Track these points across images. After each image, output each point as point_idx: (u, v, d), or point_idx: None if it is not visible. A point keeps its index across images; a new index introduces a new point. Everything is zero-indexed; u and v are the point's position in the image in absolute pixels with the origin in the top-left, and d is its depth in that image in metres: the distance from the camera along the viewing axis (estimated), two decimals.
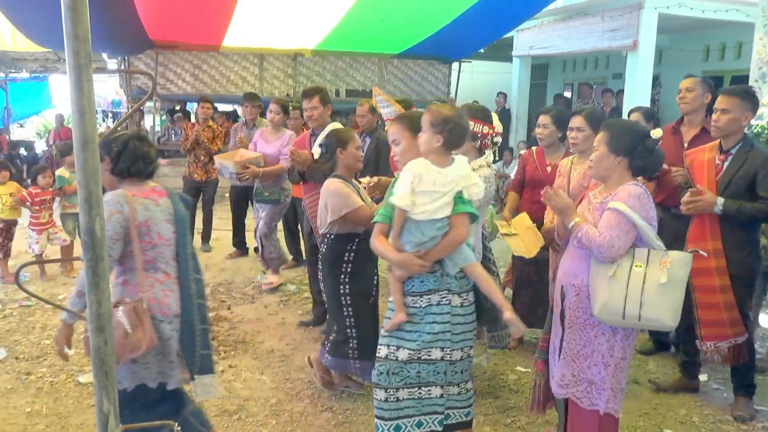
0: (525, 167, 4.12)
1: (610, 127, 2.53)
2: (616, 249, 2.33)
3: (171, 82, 9.90)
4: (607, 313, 2.35)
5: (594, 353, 2.47)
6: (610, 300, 2.33)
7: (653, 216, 2.42)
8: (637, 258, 2.36)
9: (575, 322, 2.50)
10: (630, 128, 2.53)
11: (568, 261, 2.56)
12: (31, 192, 5.53)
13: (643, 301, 2.31)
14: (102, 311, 1.22)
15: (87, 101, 1.15)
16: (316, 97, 4.07)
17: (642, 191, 2.40)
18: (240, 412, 3.28)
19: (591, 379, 2.48)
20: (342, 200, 3.11)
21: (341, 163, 3.24)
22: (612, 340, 2.45)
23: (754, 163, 3.06)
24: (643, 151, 2.43)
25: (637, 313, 2.31)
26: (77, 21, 1.12)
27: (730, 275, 3.09)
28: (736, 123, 3.11)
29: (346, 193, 3.13)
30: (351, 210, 3.10)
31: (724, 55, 10.66)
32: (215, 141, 6.47)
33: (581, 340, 2.50)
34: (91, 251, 1.20)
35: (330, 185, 3.18)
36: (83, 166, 1.17)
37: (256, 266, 6.11)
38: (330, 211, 3.13)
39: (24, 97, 16.27)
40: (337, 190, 3.14)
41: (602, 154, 2.47)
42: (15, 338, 4.21)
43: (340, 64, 10.74)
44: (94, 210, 1.19)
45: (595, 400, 2.48)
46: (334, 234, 3.22)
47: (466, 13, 8.02)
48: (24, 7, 6.85)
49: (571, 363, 2.52)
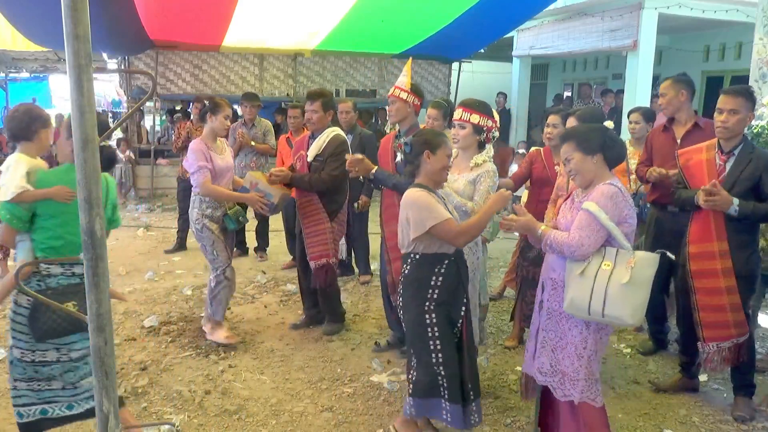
0: (532, 165, 4.13)
1: (573, 134, 2.62)
2: (586, 248, 2.43)
3: (171, 82, 9.90)
4: (574, 308, 2.46)
5: (568, 345, 2.57)
6: (576, 296, 2.44)
7: (628, 214, 2.49)
8: (606, 257, 2.45)
9: (552, 314, 2.62)
10: (589, 127, 2.66)
11: (551, 256, 2.67)
12: None
13: (607, 298, 2.39)
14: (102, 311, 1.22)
15: (87, 101, 1.15)
16: (318, 102, 4.11)
17: (616, 191, 2.47)
18: (240, 411, 3.28)
19: (564, 371, 2.57)
20: (426, 212, 2.66)
21: (426, 168, 2.78)
22: (585, 333, 2.53)
23: (759, 165, 3.05)
24: (611, 141, 2.55)
25: (600, 309, 2.41)
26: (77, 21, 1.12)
27: (735, 276, 3.08)
28: (743, 123, 3.11)
29: (430, 204, 2.68)
30: (437, 223, 2.64)
31: (724, 55, 10.67)
32: None
33: (557, 331, 2.61)
34: (91, 251, 1.20)
35: (411, 195, 2.73)
36: (83, 166, 1.17)
37: (256, 266, 6.11)
38: (412, 226, 2.70)
39: (24, 96, 16.26)
40: (419, 201, 2.69)
41: (578, 160, 2.54)
42: None
43: (340, 64, 10.74)
44: (94, 210, 1.19)
45: (568, 391, 2.56)
46: (419, 254, 2.77)
47: (467, 13, 8.01)
48: (24, 7, 6.84)
49: (549, 353, 2.63)
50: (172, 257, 6.39)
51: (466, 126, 3.16)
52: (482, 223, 2.73)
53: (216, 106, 4.04)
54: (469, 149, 3.21)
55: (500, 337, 4.38)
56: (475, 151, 3.21)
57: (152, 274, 5.71)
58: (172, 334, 4.30)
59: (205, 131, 4.10)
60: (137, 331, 4.37)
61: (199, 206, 4.04)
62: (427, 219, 2.65)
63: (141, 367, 3.77)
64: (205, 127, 4.11)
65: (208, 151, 3.97)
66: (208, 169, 3.91)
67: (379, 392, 3.52)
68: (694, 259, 3.18)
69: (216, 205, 4.04)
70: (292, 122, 5.69)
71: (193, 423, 3.16)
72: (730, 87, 3.22)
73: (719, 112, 3.13)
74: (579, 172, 2.55)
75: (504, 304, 5.06)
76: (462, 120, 3.17)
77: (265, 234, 6.45)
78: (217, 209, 4.04)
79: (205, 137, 4.05)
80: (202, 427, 3.13)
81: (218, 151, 4.07)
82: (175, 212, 7.26)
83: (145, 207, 9.21)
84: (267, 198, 4.02)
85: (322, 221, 4.13)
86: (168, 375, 3.69)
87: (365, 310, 4.89)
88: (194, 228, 4.09)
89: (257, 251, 6.44)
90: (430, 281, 2.75)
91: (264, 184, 4.04)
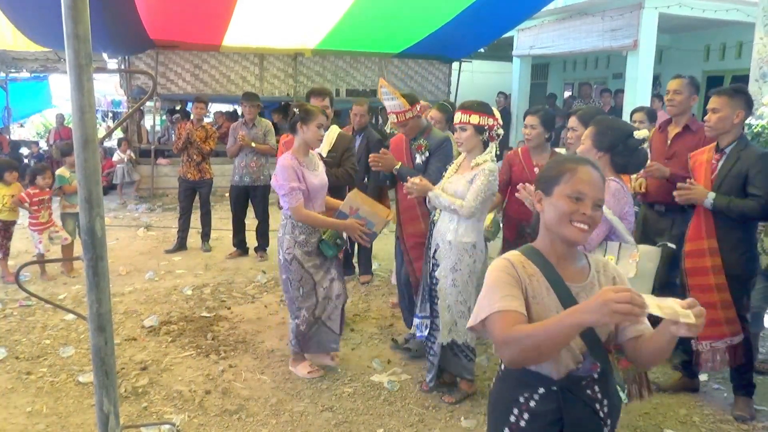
0: (512, 167, 4.09)
1: (599, 123, 2.64)
2: (589, 243, 2.44)
3: (171, 81, 9.90)
4: None
5: None
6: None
7: (628, 211, 2.52)
8: (609, 251, 2.47)
9: None
10: (615, 126, 2.61)
11: None
12: (29, 192, 5.53)
13: None
14: (102, 311, 1.22)
15: (87, 101, 1.15)
16: (328, 98, 4.21)
17: (618, 187, 2.49)
18: (240, 411, 3.28)
19: None
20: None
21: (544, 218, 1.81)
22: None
23: (746, 161, 3.06)
24: (624, 150, 2.52)
25: None
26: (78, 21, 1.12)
27: (726, 274, 3.10)
28: (726, 121, 3.11)
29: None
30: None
31: (724, 54, 10.66)
32: (208, 141, 6.48)
33: None
34: (92, 251, 1.20)
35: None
36: (83, 165, 1.17)
37: (256, 266, 6.11)
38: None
39: (24, 96, 16.27)
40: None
41: (587, 148, 2.57)
42: (15, 338, 4.21)
43: (340, 64, 10.74)
44: (94, 209, 1.19)
45: None
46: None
47: (466, 12, 8.02)
48: (24, 6, 6.85)
49: None
50: (172, 257, 6.39)
51: (467, 128, 3.17)
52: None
53: (307, 114, 3.42)
54: (474, 150, 3.24)
55: None
56: (480, 151, 3.24)
57: (152, 274, 5.71)
58: (172, 333, 4.30)
59: (295, 144, 3.51)
60: (137, 331, 4.37)
61: (291, 232, 3.47)
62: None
63: (141, 367, 3.77)
64: (295, 140, 3.51)
65: (301, 168, 3.41)
66: (301, 191, 3.38)
67: (380, 392, 3.52)
68: (688, 257, 3.22)
69: (311, 230, 3.48)
70: None
71: (194, 423, 3.16)
72: (719, 87, 3.25)
73: (708, 111, 3.20)
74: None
75: None
76: (462, 123, 3.19)
77: (266, 234, 6.45)
78: (312, 234, 3.48)
79: (295, 151, 3.47)
80: (203, 426, 3.13)
81: (311, 167, 3.50)
82: (176, 212, 7.26)
83: (145, 207, 9.21)
84: (368, 227, 3.50)
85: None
86: (168, 375, 3.69)
87: (365, 310, 4.89)
88: (282, 257, 3.51)
89: (257, 251, 6.44)
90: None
91: (366, 210, 3.51)
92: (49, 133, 13.42)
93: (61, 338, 4.21)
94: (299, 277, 3.47)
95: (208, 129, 6.60)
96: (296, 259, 3.45)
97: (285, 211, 3.48)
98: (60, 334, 4.28)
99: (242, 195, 6.35)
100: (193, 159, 6.45)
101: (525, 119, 3.93)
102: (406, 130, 3.82)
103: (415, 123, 3.79)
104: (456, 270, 3.21)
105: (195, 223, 6.71)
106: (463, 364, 3.36)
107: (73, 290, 5.28)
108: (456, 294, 3.22)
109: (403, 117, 3.71)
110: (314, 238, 3.48)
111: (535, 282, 1.56)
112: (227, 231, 6.81)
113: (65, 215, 5.81)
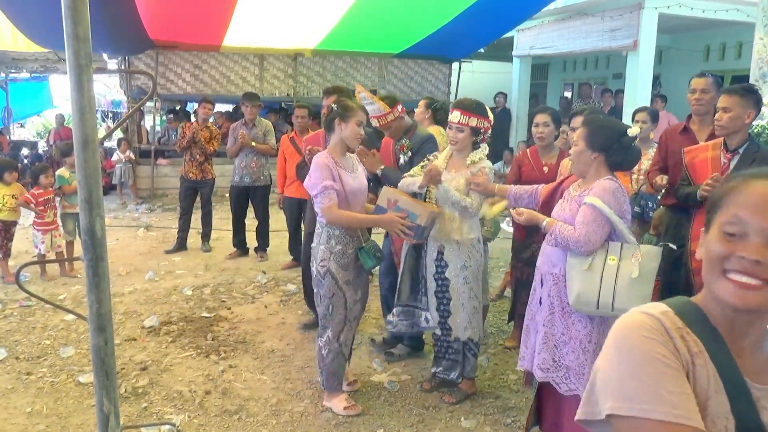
0: (521, 168, 4.10)
1: (590, 123, 2.64)
2: (593, 243, 2.45)
3: (171, 82, 9.90)
4: (581, 303, 2.47)
5: (572, 340, 2.57)
6: (583, 291, 2.45)
7: (627, 210, 2.53)
8: (610, 251, 2.48)
9: (555, 309, 2.61)
10: (607, 125, 2.63)
11: (549, 249, 2.67)
12: (33, 193, 5.53)
13: (616, 293, 2.42)
14: (102, 311, 1.22)
15: (87, 101, 1.15)
16: (333, 97, 4.12)
17: (617, 186, 2.51)
18: (240, 412, 3.28)
19: (569, 365, 2.57)
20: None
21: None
22: (589, 327, 2.55)
23: (762, 164, 3.05)
24: (619, 148, 2.54)
25: (610, 303, 2.42)
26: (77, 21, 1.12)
27: None
28: (737, 121, 3.10)
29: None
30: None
31: (724, 54, 10.66)
32: (212, 142, 6.49)
33: (561, 326, 2.60)
34: (92, 251, 1.20)
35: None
36: (83, 165, 1.17)
37: (256, 266, 6.11)
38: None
39: (24, 97, 16.27)
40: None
41: (580, 149, 2.57)
42: (15, 338, 4.21)
43: (340, 64, 10.74)
44: (94, 210, 1.19)
45: (573, 385, 2.56)
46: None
47: (466, 12, 8.02)
48: (24, 7, 6.85)
49: (552, 348, 2.62)
50: (172, 257, 6.39)
51: (465, 129, 3.19)
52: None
53: (346, 110, 3.11)
54: (464, 149, 3.27)
55: (500, 337, 4.38)
56: (469, 150, 3.28)
57: (152, 275, 5.71)
58: (172, 334, 4.30)
59: (331, 142, 3.21)
60: (137, 331, 4.37)
61: (327, 242, 3.11)
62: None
63: (141, 367, 3.77)
64: (331, 138, 3.21)
65: (337, 168, 3.09)
66: (336, 191, 3.04)
67: (379, 392, 3.52)
68: (694, 256, 3.20)
69: (347, 240, 3.12)
70: (299, 122, 5.66)
71: (194, 423, 3.16)
72: (729, 86, 3.23)
73: (716, 111, 3.17)
74: (576, 161, 2.62)
75: (504, 304, 5.06)
76: (461, 123, 3.19)
77: (266, 234, 6.45)
78: (349, 245, 3.12)
79: (331, 150, 3.16)
80: (203, 427, 3.13)
81: (348, 168, 3.17)
82: (175, 212, 7.26)
83: (145, 207, 9.21)
84: (410, 219, 3.08)
85: None
86: (168, 375, 3.69)
87: (366, 310, 4.88)
88: (317, 270, 3.15)
89: (257, 251, 6.44)
90: None
91: (406, 201, 3.14)
92: (49, 133, 13.41)
93: (61, 338, 4.21)
94: (331, 294, 3.13)
95: (213, 130, 6.61)
96: (330, 272, 3.10)
97: (320, 218, 3.14)
98: (60, 334, 4.28)
99: (242, 195, 6.35)
100: (196, 159, 6.45)
101: (536, 118, 3.93)
102: (390, 132, 3.82)
103: (398, 124, 3.77)
104: (466, 267, 3.25)
105: (195, 224, 6.70)
106: (471, 362, 3.38)
107: (73, 290, 5.28)
108: (468, 291, 3.26)
109: (385, 120, 3.69)
110: (351, 249, 3.13)
111: (699, 367, 0.95)
112: (227, 231, 6.81)
113: (65, 215, 5.81)
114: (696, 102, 3.63)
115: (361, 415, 3.26)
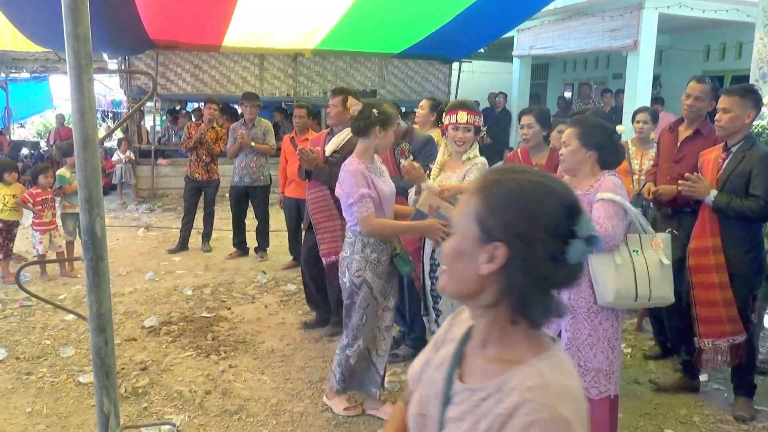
0: None
1: (581, 124, 2.68)
2: (618, 237, 2.49)
3: (171, 82, 9.90)
4: (622, 298, 2.50)
5: (600, 340, 2.55)
6: (622, 287, 2.48)
7: (629, 204, 2.59)
8: (631, 244, 2.54)
9: (578, 312, 2.58)
10: (599, 125, 2.69)
11: None
12: (32, 193, 5.53)
13: (651, 282, 2.51)
14: (102, 311, 1.22)
15: (87, 101, 1.15)
16: (339, 97, 4.10)
17: (620, 181, 2.58)
18: (240, 412, 3.28)
19: (598, 368, 2.54)
20: None
21: None
22: (616, 324, 2.58)
23: (750, 161, 3.06)
24: (611, 146, 2.61)
25: (648, 294, 2.51)
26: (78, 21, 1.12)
27: (729, 273, 3.10)
28: (737, 121, 3.11)
29: None
30: None
31: (724, 54, 10.66)
32: (218, 143, 6.50)
33: (587, 328, 2.57)
34: (92, 251, 1.20)
35: None
36: (84, 166, 1.17)
37: (256, 266, 6.11)
38: None
39: (24, 97, 16.27)
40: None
41: (574, 148, 2.61)
42: (15, 338, 4.21)
43: (340, 64, 10.74)
44: (94, 210, 1.19)
45: (603, 387, 2.55)
46: None
47: (466, 12, 8.02)
48: (24, 7, 6.85)
49: (576, 353, 2.57)
50: (172, 257, 6.39)
51: (472, 129, 3.23)
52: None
53: (388, 118, 3.01)
54: (467, 149, 3.29)
55: None
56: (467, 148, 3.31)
57: (152, 275, 5.71)
58: (172, 334, 4.30)
59: (361, 148, 3.06)
60: (137, 331, 4.37)
61: (362, 251, 2.99)
62: None
63: (141, 367, 3.77)
64: (359, 143, 3.07)
65: (370, 175, 2.97)
66: (372, 199, 2.91)
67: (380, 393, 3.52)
68: (692, 255, 3.23)
69: (382, 248, 3.02)
70: (298, 122, 5.66)
71: (194, 423, 3.16)
72: (729, 86, 3.24)
73: (716, 111, 3.19)
74: (568, 160, 2.64)
75: None
76: (469, 123, 3.21)
77: (266, 234, 6.45)
78: (383, 252, 3.02)
79: (362, 155, 3.03)
80: (203, 427, 3.13)
81: (377, 173, 3.06)
82: (176, 212, 7.26)
83: (145, 207, 9.21)
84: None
85: (333, 217, 4.12)
86: (168, 375, 3.69)
87: None
88: (351, 280, 3.03)
89: (257, 251, 6.44)
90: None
91: (448, 207, 2.98)
92: (50, 133, 13.41)
93: (62, 338, 4.21)
94: (366, 304, 3.02)
95: (219, 131, 6.61)
96: (366, 283, 2.99)
97: (353, 227, 3.01)
98: (60, 334, 4.28)
99: (242, 195, 6.35)
100: (202, 159, 6.47)
101: (521, 120, 3.96)
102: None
103: (395, 131, 3.77)
104: None
105: (196, 224, 6.71)
106: None
107: (73, 290, 5.28)
108: None
109: None
110: (386, 256, 3.04)
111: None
112: (227, 231, 6.81)
113: (65, 215, 5.81)
114: (688, 108, 3.61)
115: (361, 415, 3.26)
